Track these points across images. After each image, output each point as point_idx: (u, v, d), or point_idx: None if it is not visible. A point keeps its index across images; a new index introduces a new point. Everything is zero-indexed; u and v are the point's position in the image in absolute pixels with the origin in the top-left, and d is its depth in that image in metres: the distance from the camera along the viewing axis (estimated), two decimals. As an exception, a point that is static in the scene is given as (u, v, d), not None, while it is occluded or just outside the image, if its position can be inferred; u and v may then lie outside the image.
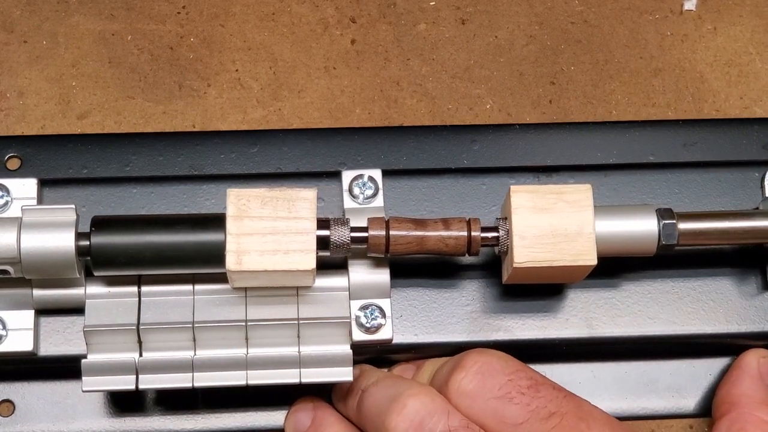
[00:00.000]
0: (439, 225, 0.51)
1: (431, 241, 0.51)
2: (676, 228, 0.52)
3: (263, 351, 0.51)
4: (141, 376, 0.50)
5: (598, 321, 0.55)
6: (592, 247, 0.50)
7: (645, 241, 0.52)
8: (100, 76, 0.61)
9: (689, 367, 0.57)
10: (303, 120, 0.61)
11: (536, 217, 0.50)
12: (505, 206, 0.52)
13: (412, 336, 0.54)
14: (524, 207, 0.50)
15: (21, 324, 0.52)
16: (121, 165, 0.56)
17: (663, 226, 0.52)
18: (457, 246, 0.51)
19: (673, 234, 0.52)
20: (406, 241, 0.51)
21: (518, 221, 0.50)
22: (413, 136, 0.58)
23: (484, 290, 0.55)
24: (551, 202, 0.51)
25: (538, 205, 0.51)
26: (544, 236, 0.50)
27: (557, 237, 0.50)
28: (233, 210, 0.49)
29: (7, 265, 0.50)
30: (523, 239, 0.50)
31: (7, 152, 0.56)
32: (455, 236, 0.51)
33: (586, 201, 0.51)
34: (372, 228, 0.51)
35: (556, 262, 0.50)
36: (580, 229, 0.50)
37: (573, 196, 0.51)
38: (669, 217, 0.52)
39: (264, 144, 0.57)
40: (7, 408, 0.55)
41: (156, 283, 0.52)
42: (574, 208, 0.50)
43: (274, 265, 0.49)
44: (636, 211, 0.52)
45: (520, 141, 0.58)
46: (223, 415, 0.55)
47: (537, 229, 0.50)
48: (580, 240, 0.50)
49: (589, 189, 0.51)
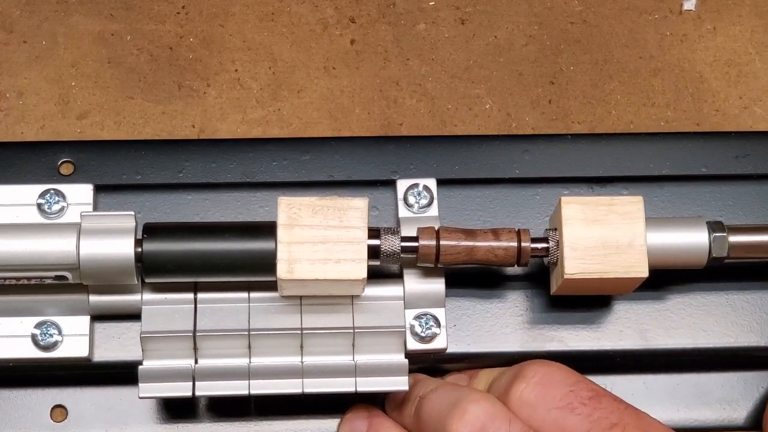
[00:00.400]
0: (489, 235, 0.51)
1: (481, 251, 0.51)
2: (727, 241, 0.52)
3: (319, 359, 0.51)
4: (197, 383, 0.50)
5: (651, 333, 0.55)
6: (644, 260, 0.50)
7: (695, 253, 0.52)
8: (100, 76, 0.61)
9: (741, 379, 0.57)
10: (302, 120, 0.61)
11: (587, 229, 0.50)
12: (555, 217, 0.52)
13: (466, 345, 0.54)
14: (575, 218, 0.50)
15: (76, 330, 0.52)
16: (175, 171, 0.56)
17: (713, 238, 0.52)
18: (507, 257, 0.51)
19: (724, 247, 0.52)
20: (456, 251, 0.51)
21: (569, 232, 0.50)
22: (465, 145, 0.58)
23: (533, 301, 0.55)
24: (602, 214, 0.51)
25: (590, 216, 0.51)
26: (594, 248, 0.50)
27: (608, 249, 0.50)
28: (284, 218, 0.49)
29: (66, 271, 0.50)
30: (574, 251, 0.50)
31: (60, 157, 0.56)
32: (505, 247, 0.51)
33: (637, 213, 0.51)
34: (422, 238, 0.51)
35: (607, 274, 0.50)
36: (632, 241, 0.50)
37: (624, 207, 0.51)
38: (719, 229, 0.52)
39: (316, 152, 0.57)
40: (60, 413, 0.55)
41: (212, 290, 0.52)
42: (626, 220, 0.50)
43: (325, 274, 0.49)
44: (687, 223, 0.52)
45: (572, 151, 0.58)
46: (275, 423, 0.55)
47: (588, 240, 0.50)
48: (632, 252, 0.50)
49: (640, 201, 0.51)
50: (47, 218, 0.52)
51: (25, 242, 0.49)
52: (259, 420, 0.55)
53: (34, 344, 0.52)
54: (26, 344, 0.52)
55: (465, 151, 0.58)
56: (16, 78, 0.60)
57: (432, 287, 0.53)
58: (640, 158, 0.58)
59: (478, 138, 0.59)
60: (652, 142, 0.59)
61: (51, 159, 0.56)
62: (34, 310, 0.52)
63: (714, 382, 0.57)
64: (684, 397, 0.57)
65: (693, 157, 0.58)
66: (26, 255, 0.49)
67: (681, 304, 0.56)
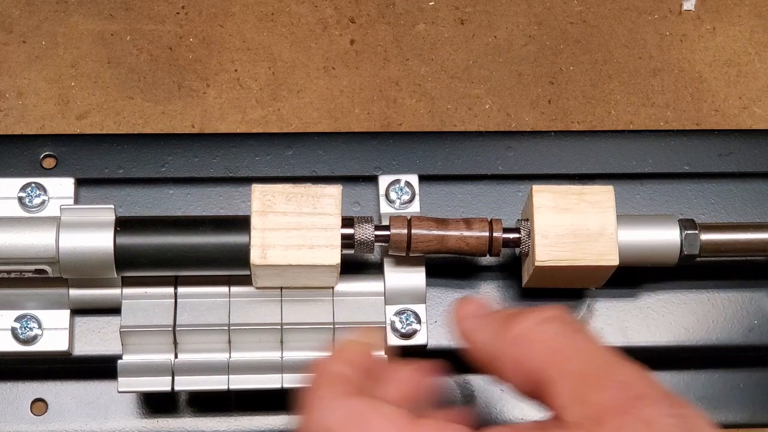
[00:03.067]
0: (461, 224, 0.51)
1: (452, 240, 0.51)
2: (699, 238, 0.52)
3: (298, 354, 0.51)
4: (177, 377, 0.50)
5: (632, 330, 0.55)
6: (614, 247, 0.50)
7: (667, 250, 0.52)
8: (99, 77, 0.61)
9: (721, 377, 0.57)
10: (302, 120, 0.61)
11: (558, 217, 0.50)
12: (527, 207, 0.52)
13: (446, 341, 0.54)
14: (546, 206, 0.50)
15: (56, 323, 0.52)
16: (157, 165, 0.56)
17: (685, 236, 0.52)
18: (478, 245, 0.51)
19: (695, 244, 0.52)
20: (427, 239, 0.51)
21: (540, 221, 0.50)
22: (448, 141, 0.58)
23: (504, 293, 0.55)
24: (573, 202, 0.51)
25: (561, 204, 0.51)
26: (565, 236, 0.50)
27: (579, 237, 0.50)
28: (258, 205, 0.49)
29: (45, 265, 0.50)
30: (545, 238, 0.50)
31: (43, 151, 0.56)
32: (477, 236, 0.51)
33: (608, 202, 0.51)
34: (394, 226, 0.51)
35: (578, 261, 0.50)
36: (602, 229, 0.50)
37: (595, 196, 0.51)
38: (691, 227, 0.52)
39: (299, 147, 0.57)
40: (40, 407, 0.55)
41: (192, 285, 0.52)
42: (596, 209, 0.50)
43: (298, 260, 0.49)
44: (659, 220, 0.52)
45: (556, 148, 0.58)
46: (255, 417, 0.55)
47: (559, 228, 0.50)
48: (602, 240, 0.50)
49: (611, 190, 0.51)
50: (28, 212, 0.52)
51: (4, 236, 0.49)
52: (239, 415, 0.55)
53: (14, 338, 0.52)
54: (6, 338, 0.52)
55: (448, 147, 0.58)
56: (15, 78, 0.60)
57: (413, 283, 0.53)
58: (623, 156, 0.58)
59: (462, 134, 0.59)
60: (635, 139, 0.59)
61: (33, 152, 0.56)
62: (14, 304, 0.52)
63: (695, 380, 0.57)
64: None
65: (676, 155, 0.58)
66: (6, 248, 0.49)
67: (662, 302, 0.56)
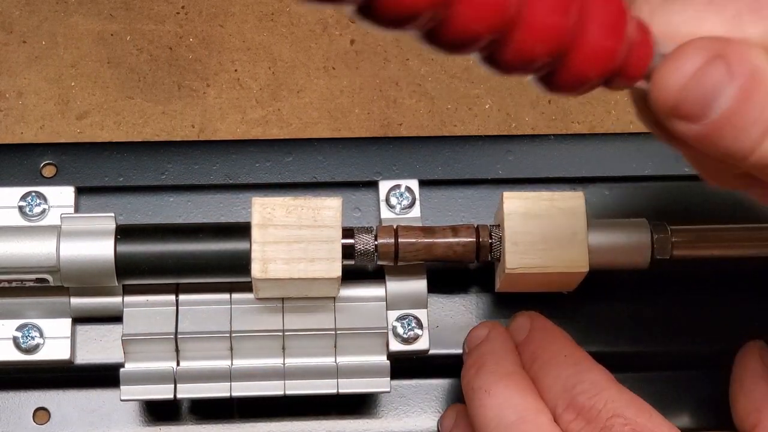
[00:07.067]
0: (448, 232, 0.51)
1: (440, 248, 0.51)
2: (670, 241, 0.51)
3: (300, 361, 0.51)
4: (179, 385, 0.50)
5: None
6: (584, 254, 0.50)
7: (638, 253, 0.52)
8: (100, 77, 0.61)
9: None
10: (302, 120, 0.61)
11: (529, 223, 0.50)
12: (498, 213, 0.52)
13: (448, 347, 0.54)
14: (516, 213, 0.50)
15: (58, 332, 0.52)
16: (157, 173, 0.56)
17: (656, 239, 0.51)
18: (466, 253, 0.51)
19: (666, 247, 0.51)
20: (414, 249, 0.51)
21: (510, 227, 0.50)
22: (448, 146, 0.58)
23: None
24: (544, 209, 0.50)
25: (531, 211, 0.50)
26: (536, 242, 0.50)
27: (549, 243, 0.50)
28: (258, 218, 0.49)
29: (46, 274, 0.50)
30: (516, 245, 0.50)
31: (43, 159, 0.56)
32: (464, 243, 0.51)
33: (579, 208, 0.50)
34: (381, 236, 0.51)
35: (548, 268, 0.50)
36: (573, 236, 0.50)
37: (566, 202, 0.50)
38: (662, 230, 0.52)
39: (299, 153, 0.57)
40: (42, 416, 0.54)
41: (194, 292, 0.52)
42: (567, 215, 0.50)
43: (299, 274, 0.48)
44: (629, 223, 0.52)
45: (556, 152, 0.58)
46: (257, 424, 0.55)
47: (529, 235, 0.50)
48: (573, 247, 0.50)
49: (581, 196, 0.51)
50: (28, 221, 0.52)
51: (5, 245, 0.49)
52: (241, 422, 0.55)
53: (15, 347, 0.52)
54: (8, 347, 0.52)
55: (448, 152, 0.58)
56: (15, 78, 0.60)
57: (414, 288, 0.52)
58: (624, 158, 0.58)
59: (462, 138, 0.59)
60: (636, 142, 0.59)
61: (33, 161, 0.56)
62: (15, 313, 0.52)
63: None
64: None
65: (678, 157, 0.58)
66: (7, 258, 0.49)
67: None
